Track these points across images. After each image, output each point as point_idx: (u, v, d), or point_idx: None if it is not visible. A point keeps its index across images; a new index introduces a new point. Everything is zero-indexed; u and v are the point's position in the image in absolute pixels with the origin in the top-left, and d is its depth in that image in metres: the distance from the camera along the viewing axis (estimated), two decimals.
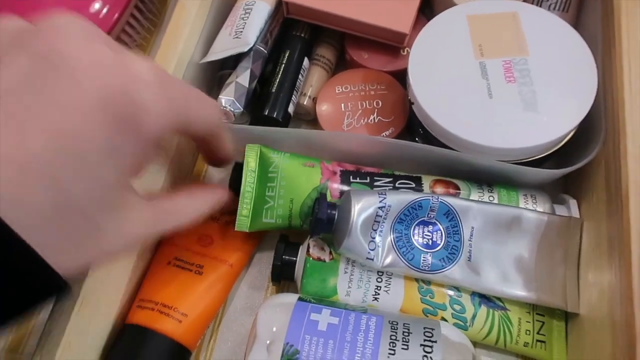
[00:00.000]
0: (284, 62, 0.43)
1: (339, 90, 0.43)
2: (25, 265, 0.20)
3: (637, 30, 0.37)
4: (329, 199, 0.37)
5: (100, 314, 0.34)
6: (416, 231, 0.34)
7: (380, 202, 0.34)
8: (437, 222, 0.35)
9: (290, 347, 0.30)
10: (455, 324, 0.35)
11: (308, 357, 0.30)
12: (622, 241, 0.31)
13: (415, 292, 0.35)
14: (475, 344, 0.35)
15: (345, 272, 0.35)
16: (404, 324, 0.32)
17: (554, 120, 0.35)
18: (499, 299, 0.36)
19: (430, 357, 0.30)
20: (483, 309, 0.35)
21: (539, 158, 0.38)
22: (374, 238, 0.34)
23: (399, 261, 0.34)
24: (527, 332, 0.36)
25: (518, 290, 0.35)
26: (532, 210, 0.37)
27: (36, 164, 0.20)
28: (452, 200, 0.35)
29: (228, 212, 0.40)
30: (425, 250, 0.34)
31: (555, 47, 0.38)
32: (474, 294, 0.35)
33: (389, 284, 0.35)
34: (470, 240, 0.35)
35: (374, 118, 0.42)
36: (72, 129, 0.21)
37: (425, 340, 0.31)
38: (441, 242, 0.34)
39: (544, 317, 0.36)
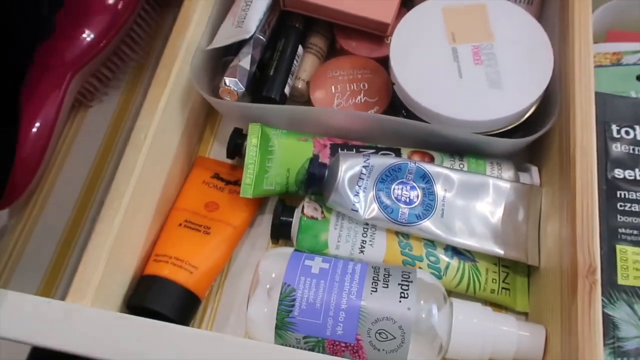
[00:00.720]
0: (281, 49, 0.48)
1: (329, 74, 0.48)
2: None
3: (587, 19, 0.42)
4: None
5: (122, 267, 0.39)
6: (395, 189, 0.40)
7: (365, 162, 0.40)
8: (414, 184, 0.40)
9: (287, 286, 0.36)
10: (430, 274, 0.40)
11: (303, 295, 0.35)
12: (569, 196, 0.37)
13: (395, 245, 0.40)
14: (449, 293, 0.40)
15: (335, 229, 0.40)
16: (384, 268, 0.37)
17: (515, 96, 0.41)
18: (469, 252, 0.41)
19: (407, 294, 0.35)
20: (455, 260, 0.41)
21: (508, 130, 0.43)
22: (358, 193, 0.39)
23: (380, 214, 0.39)
24: (494, 281, 0.41)
25: (485, 245, 0.40)
26: (498, 178, 0.42)
27: None
28: (427, 166, 0.41)
29: (232, 182, 0.46)
30: (403, 205, 0.39)
31: (517, 34, 0.43)
32: (447, 247, 0.41)
33: (373, 239, 0.40)
34: (443, 201, 0.40)
35: (360, 98, 0.47)
36: None
37: (402, 280, 0.36)
38: (417, 200, 0.40)
39: (508, 268, 0.42)
